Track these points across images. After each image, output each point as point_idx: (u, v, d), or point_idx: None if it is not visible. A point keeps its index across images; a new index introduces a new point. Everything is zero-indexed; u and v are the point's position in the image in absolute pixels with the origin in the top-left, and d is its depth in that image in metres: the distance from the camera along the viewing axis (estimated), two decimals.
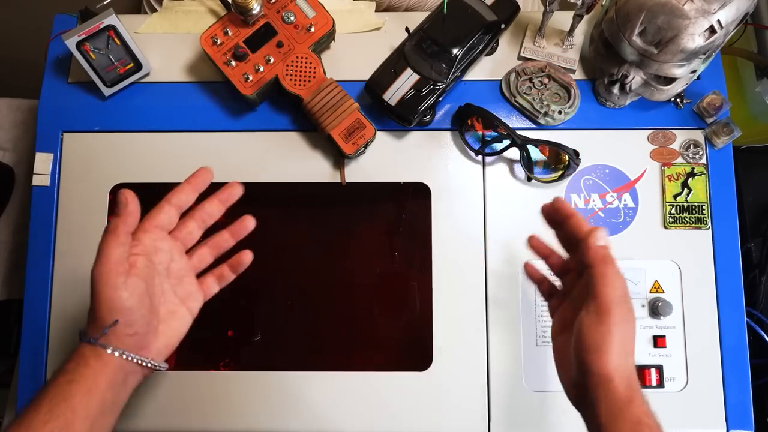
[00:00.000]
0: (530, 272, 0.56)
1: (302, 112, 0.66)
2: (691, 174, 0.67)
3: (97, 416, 0.45)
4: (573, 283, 0.51)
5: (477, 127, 0.68)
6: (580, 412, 0.47)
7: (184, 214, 0.52)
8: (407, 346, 0.69)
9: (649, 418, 0.44)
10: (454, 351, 0.65)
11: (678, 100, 0.68)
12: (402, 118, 0.66)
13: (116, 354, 0.46)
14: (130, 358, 0.47)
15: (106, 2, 0.69)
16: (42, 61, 0.71)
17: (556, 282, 0.55)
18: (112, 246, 0.46)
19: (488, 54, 0.70)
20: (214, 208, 0.53)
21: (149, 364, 0.48)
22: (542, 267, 0.56)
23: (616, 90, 0.66)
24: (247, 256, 0.54)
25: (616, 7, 0.61)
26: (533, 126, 0.69)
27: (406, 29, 0.67)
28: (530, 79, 0.68)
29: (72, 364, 0.46)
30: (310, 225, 0.72)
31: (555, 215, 0.51)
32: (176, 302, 0.51)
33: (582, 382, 0.46)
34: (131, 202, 0.47)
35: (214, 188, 0.69)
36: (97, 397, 0.45)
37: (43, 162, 0.68)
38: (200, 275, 0.54)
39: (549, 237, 0.53)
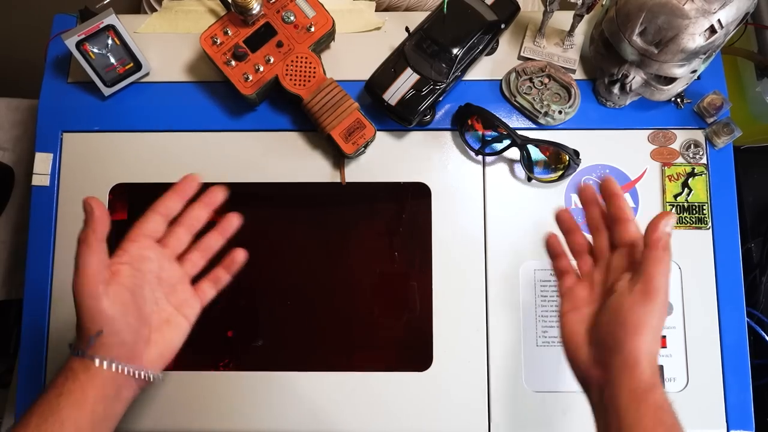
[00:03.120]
0: (552, 244, 0.55)
1: (302, 112, 0.66)
2: (692, 174, 0.67)
3: (88, 429, 0.44)
4: (587, 265, 0.52)
5: (477, 127, 0.68)
6: (588, 393, 0.47)
7: (172, 222, 0.52)
8: (407, 346, 0.69)
9: (670, 407, 0.44)
10: (454, 351, 0.65)
11: (678, 100, 0.68)
12: (402, 118, 0.66)
13: (104, 365, 0.45)
14: (120, 369, 0.46)
15: (105, 2, 0.69)
16: (42, 61, 0.71)
17: (573, 261, 0.54)
18: (86, 256, 0.45)
19: (488, 54, 0.70)
20: (200, 213, 0.53)
21: (142, 374, 0.47)
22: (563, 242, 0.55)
23: (616, 90, 0.66)
24: (240, 255, 0.54)
25: (616, 7, 0.61)
26: (533, 126, 0.69)
27: (406, 29, 0.67)
28: (530, 79, 0.68)
29: (61, 378, 0.45)
30: (310, 225, 0.72)
31: (602, 192, 0.51)
32: (171, 310, 0.51)
33: (606, 360, 0.46)
34: (97, 208, 0.46)
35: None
36: (87, 409, 0.44)
37: (42, 162, 0.68)
38: (195, 281, 0.53)
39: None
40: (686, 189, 0.67)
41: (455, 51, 0.65)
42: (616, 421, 0.44)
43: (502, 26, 0.68)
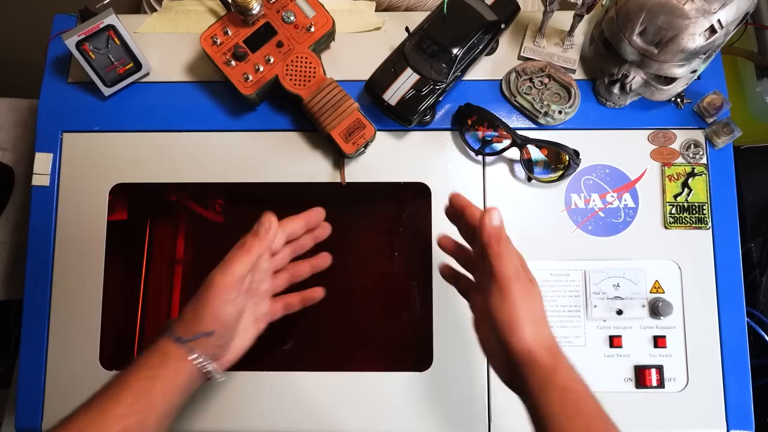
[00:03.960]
0: (445, 272, 0.57)
1: (302, 112, 0.66)
2: (692, 174, 0.67)
3: (166, 418, 0.46)
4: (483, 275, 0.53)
5: (477, 127, 0.68)
6: (516, 393, 0.48)
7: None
8: (407, 346, 0.69)
9: (575, 383, 0.45)
10: (454, 351, 0.65)
11: (678, 99, 0.68)
12: (402, 118, 0.66)
13: (196, 362, 0.47)
14: (205, 368, 0.47)
15: (105, 2, 0.69)
16: (42, 61, 0.71)
17: (471, 277, 0.56)
18: (243, 262, 0.47)
19: (488, 54, 0.70)
20: (307, 241, 0.57)
21: (214, 376, 0.49)
22: (456, 266, 0.57)
23: (616, 90, 0.66)
24: (318, 293, 0.56)
25: (616, 7, 0.61)
26: (533, 126, 0.69)
27: (406, 29, 0.67)
28: (530, 79, 0.68)
29: (155, 359, 0.46)
30: None
31: (453, 210, 0.53)
32: (251, 320, 0.53)
33: (509, 362, 0.47)
34: (273, 228, 0.49)
35: (213, 188, 0.69)
36: (172, 399, 0.46)
37: (42, 162, 0.68)
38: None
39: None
40: (686, 189, 0.67)
41: (455, 51, 0.65)
42: (534, 411, 0.45)
43: (502, 26, 0.68)
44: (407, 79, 0.65)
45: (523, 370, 0.45)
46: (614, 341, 0.65)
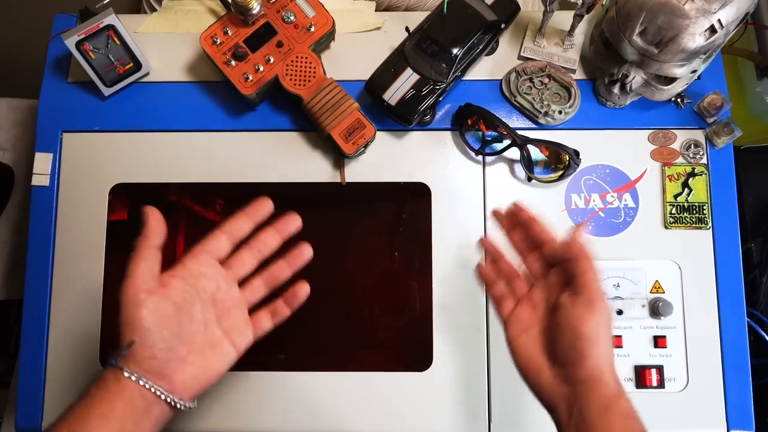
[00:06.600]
0: (484, 273, 0.55)
1: (302, 112, 0.66)
2: (692, 174, 0.67)
3: None
4: (522, 287, 0.52)
5: (477, 127, 0.68)
6: (554, 414, 0.47)
7: (240, 244, 0.51)
8: (407, 346, 0.69)
9: (636, 414, 0.45)
10: (454, 351, 0.65)
11: (678, 99, 0.68)
12: (402, 118, 0.66)
13: (132, 378, 0.44)
14: (147, 386, 0.44)
15: (105, 2, 0.69)
16: (42, 61, 0.71)
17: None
18: (136, 261, 0.46)
19: (488, 54, 0.70)
20: (270, 239, 0.51)
21: (167, 398, 0.44)
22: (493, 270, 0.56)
23: (616, 90, 0.66)
24: (303, 289, 0.51)
25: (616, 7, 0.61)
26: (533, 126, 0.69)
27: (406, 29, 0.67)
28: (530, 79, 0.68)
29: (93, 387, 0.44)
30: (310, 225, 0.72)
31: (514, 219, 0.53)
32: (218, 334, 0.48)
33: (570, 376, 0.46)
34: (152, 218, 0.47)
35: (213, 188, 0.69)
36: (114, 423, 0.43)
37: (42, 162, 0.68)
38: (254, 310, 0.51)
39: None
40: (686, 189, 0.67)
41: (455, 51, 0.65)
42: None
43: (502, 26, 0.68)
44: (407, 79, 0.65)
45: (587, 388, 0.44)
46: (614, 341, 0.65)
